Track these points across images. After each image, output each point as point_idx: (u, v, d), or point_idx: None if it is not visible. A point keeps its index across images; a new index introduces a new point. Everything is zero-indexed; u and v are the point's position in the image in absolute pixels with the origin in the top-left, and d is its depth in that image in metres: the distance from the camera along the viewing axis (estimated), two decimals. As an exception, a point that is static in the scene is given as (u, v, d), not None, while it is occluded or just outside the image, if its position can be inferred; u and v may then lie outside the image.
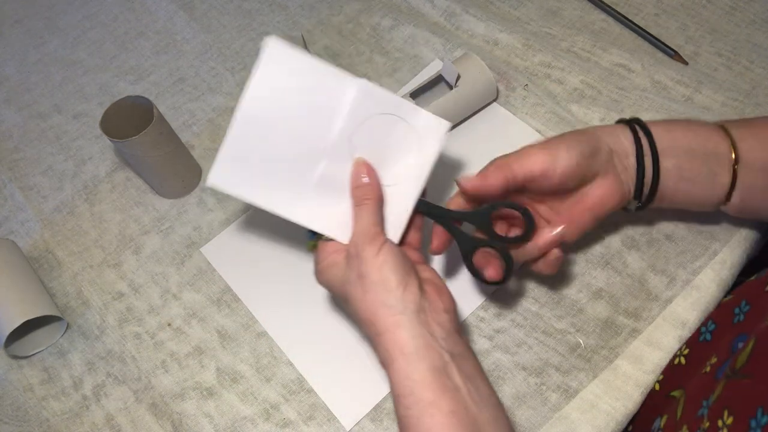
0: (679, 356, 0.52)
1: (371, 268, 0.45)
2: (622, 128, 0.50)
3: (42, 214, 0.72)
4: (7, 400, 0.61)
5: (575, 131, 0.50)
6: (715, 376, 0.44)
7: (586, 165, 0.48)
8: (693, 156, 0.49)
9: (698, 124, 0.50)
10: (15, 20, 0.89)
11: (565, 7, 0.75)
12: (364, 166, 0.49)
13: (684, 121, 0.51)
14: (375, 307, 0.44)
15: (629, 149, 0.50)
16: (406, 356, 0.42)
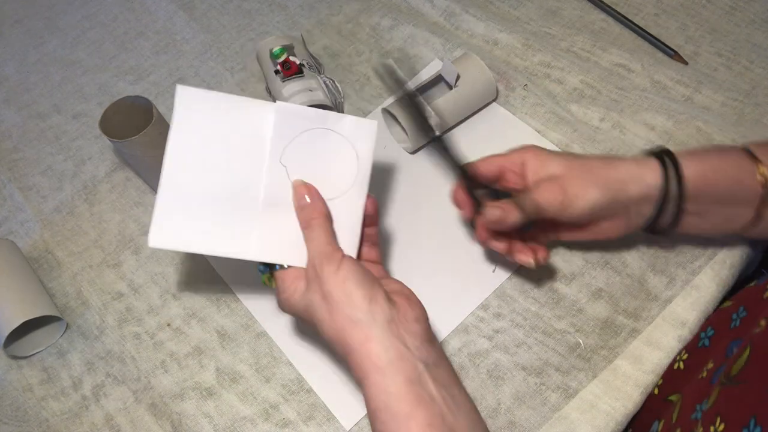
0: (678, 361, 0.52)
1: (333, 287, 0.44)
2: (653, 170, 0.48)
3: (41, 215, 0.71)
4: (6, 400, 0.61)
5: (603, 164, 0.49)
6: (710, 381, 0.44)
7: (599, 213, 0.49)
8: (720, 203, 0.49)
9: (733, 163, 0.48)
10: (15, 20, 0.89)
11: (565, 7, 0.75)
12: (303, 187, 0.48)
13: (718, 159, 0.48)
14: (343, 324, 0.43)
15: (653, 196, 0.48)
16: (379, 369, 0.41)
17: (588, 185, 0.48)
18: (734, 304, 0.50)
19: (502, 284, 0.58)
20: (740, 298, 0.51)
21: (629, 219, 0.51)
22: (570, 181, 0.48)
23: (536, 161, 0.50)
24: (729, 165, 0.48)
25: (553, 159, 0.50)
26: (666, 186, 0.48)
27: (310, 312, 0.45)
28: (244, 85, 0.76)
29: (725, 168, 0.48)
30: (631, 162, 0.49)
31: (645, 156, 0.50)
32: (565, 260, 0.58)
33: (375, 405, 0.42)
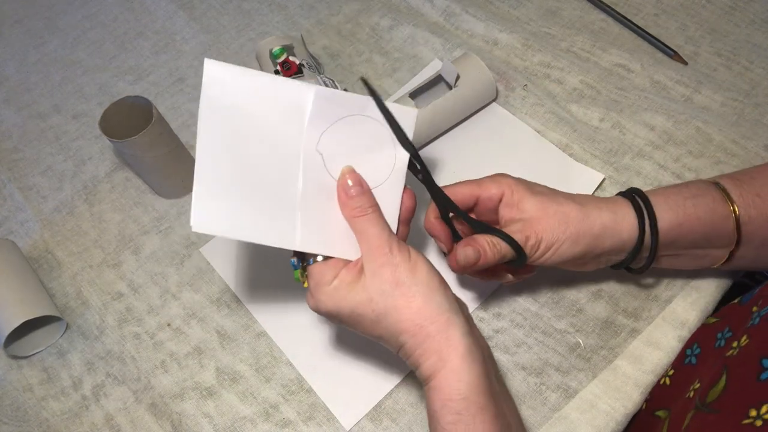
0: (664, 377, 0.52)
1: (409, 273, 0.42)
2: (629, 224, 0.48)
3: (41, 215, 0.71)
4: (6, 400, 0.61)
5: (580, 214, 0.47)
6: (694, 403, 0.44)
7: (573, 263, 0.50)
8: (694, 247, 0.49)
9: (707, 208, 0.47)
10: (15, 20, 0.89)
11: (565, 7, 0.75)
12: (354, 175, 0.46)
13: (693, 205, 0.48)
14: (426, 310, 0.42)
15: (627, 248, 0.48)
16: (462, 356, 0.40)
17: (563, 238, 0.47)
18: (721, 323, 0.50)
19: (502, 284, 0.58)
20: (727, 316, 0.50)
21: (599, 263, 0.51)
22: (545, 231, 0.47)
23: (512, 198, 0.49)
24: (703, 211, 0.47)
25: (529, 199, 0.48)
26: (641, 239, 0.48)
27: (369, 305, 0.42)
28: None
29: (699, 215, 0.47)
30: (607, 213, 0.48)
31: (620, 202, 0.49)
32: (564, 260, 0.58)
33: (449, 395, 0.40)
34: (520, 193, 0.49)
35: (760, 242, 0.48)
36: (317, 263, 0.45)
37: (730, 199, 0.47)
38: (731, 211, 0.47)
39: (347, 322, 0.45)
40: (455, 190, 0.50)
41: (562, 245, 0.47)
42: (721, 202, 0.47)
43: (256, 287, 0.62)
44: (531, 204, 0.48)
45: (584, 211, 0.48)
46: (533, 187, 0.50)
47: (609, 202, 0.49)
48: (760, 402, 0.36)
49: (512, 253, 0.47)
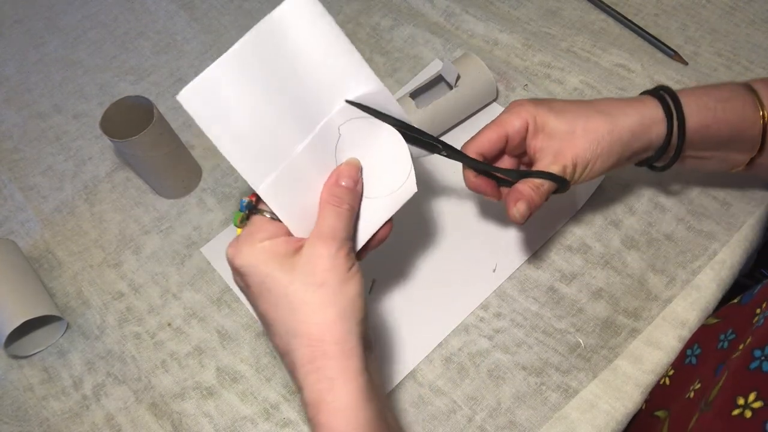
0: (664, 377, 0.52)
1: (340, 283, 0.39)
2: (658, 125, 0.47)
3: (42, 214, 0.72)
4: (7, 399, 0.61)
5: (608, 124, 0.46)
6: (698, 403, 0.44)
7: (605, 171, 0.49)
8: (718, 149, 0.49)
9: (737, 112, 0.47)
10: (15, 20, 0.89)
11: (565, 7, 0.75)
12: (354, 169, 0.44)
13: (722, 108, 0.47)
14: (335, 327, 0.38)
15: (654, 146, 0.48)
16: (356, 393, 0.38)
17: (596, 155, 0.47)
18: (723, 324, 0.50)
19: (502, 284, 0.58)
20: (729, 317, 0.50)
21: (627, 162, 0.50)
22: (578, 154, 0.46)
23: (536, 125, 0.48)
24: (732, 114, 0.47)
25: (554, 121, 0.47)
26: (668, 139, 0.48)
27: (285, 285, 0.39)
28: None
29: (728, 118, 0.47)
30: (634, 115, 0.47)
31: (648, 102, 0.48)
32: (565, 260, 0.58)
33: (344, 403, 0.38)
34: (542, 117, 0.48)
35: None
36: (263, 217, 0.42)
37: (761, 104, 0.47)
38: (760, 116, 0.47)
39: (252, 289, 0.40)
40: (482, 139, 0.49)
41: (597, 162, 0.47)
42: (752, 107, 0.47)
43: (256, 287, 0.62)
44: (557, 126, 0.47)
45: (612, 121, 0.47)
46: (553, 105, 0.48)
47: (636, 105, 0.48)
48: (747, 390, 0.36)
49: (555, 186, 0.48)
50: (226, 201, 0.68)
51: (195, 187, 0.70)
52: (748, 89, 0.48)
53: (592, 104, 0.49)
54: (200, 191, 0.70)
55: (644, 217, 0.59)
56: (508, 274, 0.59)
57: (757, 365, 0.37)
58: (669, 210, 0.59)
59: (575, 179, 0.48)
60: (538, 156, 0.48)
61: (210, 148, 0.72)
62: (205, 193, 0.69)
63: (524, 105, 0.48)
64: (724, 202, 0.58)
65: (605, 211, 0.60)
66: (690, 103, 0.47)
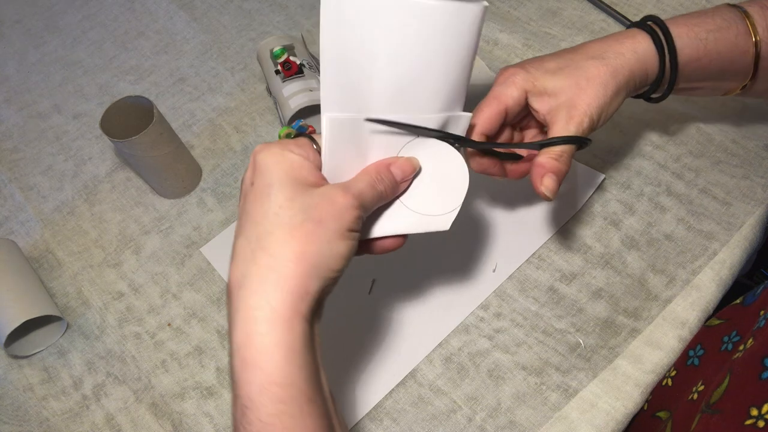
0: (666, 378, 0.52)
1: (333, 235, 0.36)
2: (652, 60, 0.47)
3: (42, 214, 0.72)
4: (7, 399, 0.61)
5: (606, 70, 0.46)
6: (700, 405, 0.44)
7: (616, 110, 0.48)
8: (710, 79, 0.49)
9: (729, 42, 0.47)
10: (15, 20, 0.89)
11: (565, 7, 0.75)
12: (412, 167, 0.43)
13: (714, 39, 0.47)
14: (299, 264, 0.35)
15: (650, 79, 0.48)
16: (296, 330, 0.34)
17: (606, 101, 0.46)
18: (726, 325, 0.50)
19: (502, 284, 0.58)
20: (732, 319, 0.50)
21: (628, 96, 0.49)
22: (589, 106, 0.46)
23: (535, 89, 0.47)
24: (724, 45, 0.47)
25: (553, 80, 0.47)
26: (662, 72, 0.48)
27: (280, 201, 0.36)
28: (244, 85, 0.76)
29: (720, 49, 0.47)
30: (630, 54, 0.47)
31: (640, 37, 0.48)
32: (565, 260, 0.58)
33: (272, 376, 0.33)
34: (541, 80, 0.47)
35: None
36: (308, 140, 0.40)
37: (755, 31, 0.47)
38: (753, 43, 0.47)
39: (254, 188, 0.38)
40: (483, 120, 0.47)
41: (609, 106, 0.47)
42: (744, 36, 0.47)
43: (256, 287, 0.62)
44: (559, 84, 0.46)
45: (610, 65, 0.46)
46: (546, 64, 0.48)
47: (627, 41, 0.48)
48: (761, 400, 0.36)
49: (576, 148, 0.47)
50: (226, 201, 0.68)
51: (195, 187, 0.70)
52: (742, 14, 0.47)
53: (583, 51, 0.48)
54: (200, 191, 0.70)
55: (644, 217, 0.59)
56: (508, 274, 0.59)
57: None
58: (669, 210, 0.59)
59: (595, 129, 0.47)
60: (551, 118, 0.47)
61: (210, 149, 0.72)
62: (205, 193, 0.69)
63: (517, 72, 0.47)
64: (724, 202, 0.58)
65: (605, 211, 0.60)
66: (681, 35, 0.47)
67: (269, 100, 0.74)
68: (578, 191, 0.60)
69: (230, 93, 0.76)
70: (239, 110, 0.75)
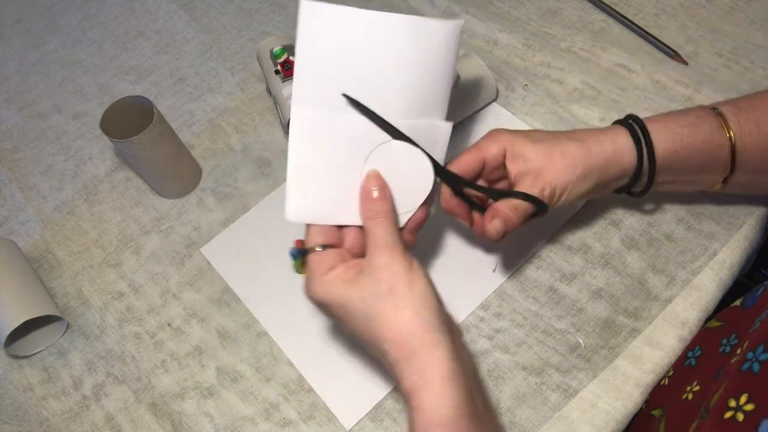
0: (664, 377, 0.52)
1: (406, 284, 0.41)
2: (629, 152, 0.49)
3: (42, 214, 0.72)
4: (7, 399, 0.61)
5: (582, 151, 0.49)
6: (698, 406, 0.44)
7: (583, 197, 0.51)
8: (691, 173, 0.51)
9: (705, 136, 0.49)
10: (15, 20, 0.89)
11: (565, 7, 0.75)
12: (375, 178, 0.46)
13: (690, 133, 0.49)
14: (413, 325, 0.40)
15: (629, 174, 0.50)
16: (444, 379, 0.39)
17: (574, 179, 0.48)
18: (726, 328, 0.50)
19: (502, 284, 0.58)
20: (732, 322, 0.50)
21: (605, 191, 0.52)
22: (556, 177, 0.48)
23: (514, 151, 0.50)
24: (700, 140, 0.49)
25: (531, 148, 0.49)
26: (640, 165, 0.49)
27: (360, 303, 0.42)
28: (244, 85, 0.76)
29: (696, 143, 0.49)
30: (607, 144, 0.49)
31: (618, 131, 0.50)
32: (565, 260, 0.58)
33: (431, 418, 0.39)
34: (520, 145, 0.50)
35: (753, 169, 0.50)
36: (317, 252, 0.45)
37: (728, 127, 0.48)
38: (728, 139, 0.48)
39: (336, 316, 0.45)
40: (460, 162, 0.50)
41: (575, 186, 0.49)
42: (718, 131, 0.48)
43: (256, 287, 0.62)
44: (534, 153, 0.49)
45: (586, 148, 0.49)
46: (531, 134, 0.51)
47: (608, 133, 0.50)
48: (739, 391, 0.36)
49: (533, 209, 0.48)
50: (226, 201, 0.68)
51: (195, 187, 0.70)
52: (715, 113, 0.49)
53: (567, 134, 0.51)
54: (200, 191, 0.70)
55: (644, 217, 0.59)
56: (508, 274, 0.59)
57: (749, 366, 0.37)
58: (669, 210, 0.59)
59: (554, 202, 0.49)
60: (518, 179, 0.50)
61: (210, 149, 0.72)
62: (205, 193, 0.69)
63: (502, 133, 0.51)
64: (724, 202, 0.58)
65: (605, 211, 0.60)
66: (657, 129, 0.49)
67: (269, 100, 0.74)
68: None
69: (230, 93, 0.76)
70: (239, 110, 0.75)
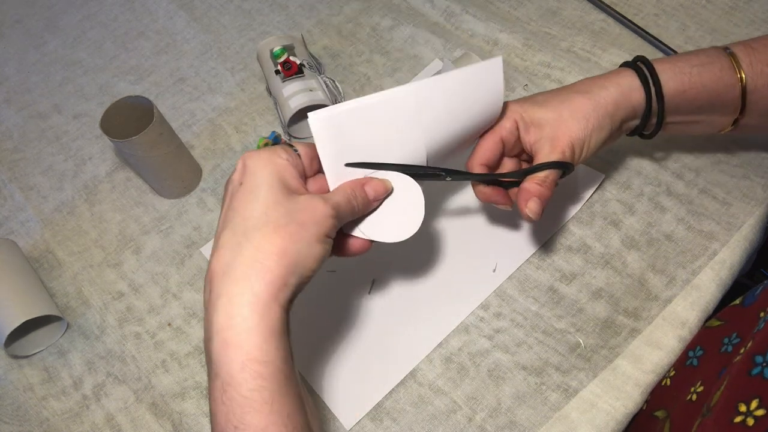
0: (665, 378, 0.52)
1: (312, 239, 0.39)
2: (636, 91, 0.49)
3: (42, 214, 0.72)
4: (7, 399, 0.61)
5: (590, 103, 0.48)
6: (701, 407, 0.44)
7: (603, 146, 0.50)
8: (700, 112, 0.50)
9: (713, 76, 0.48)
10: (15, 20, 0.89)
11: (565, 7, 0.75)
12: (384, 188, 0.46)
13: (698, 73, 0.48)
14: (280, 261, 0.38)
15: (639, 113, 0.50)
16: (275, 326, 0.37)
17: (589, 132, 0.48)
18: (726, 327, 0.50)
19: (502, 284, 0.58)
20: (732, 320, 0.50)
21: (619, 132, 0.52)
22: (571, 136, 0.48)
23: (524, 120, 0.50)
24: (709, 78, 0.48)
25: (540, 112, 0.49)
26: (649, 104, 0.49)
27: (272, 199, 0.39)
28: (244, 85, 0.76)
29: (705, 82, 0.48)
30: (613, 88, 0.49)
31: (624, 72, 0.50)
32: (565, 260, 0.59)
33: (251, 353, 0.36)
34: (529, 113, 0.50)
35: (764, 110, 0.49)
36: (288, 147, 0.43)
37: (739, 67, 0.48)
38: (738, 79, 0.48)
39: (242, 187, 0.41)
40: (481, 150, 0.50)
41: (591, 138, 0.49)
42: (729, 71, 0.48)
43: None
44: (545, 117, 0.49)
45: (593, 98, 0.49)
46: (536, 99, 0.51)
47: (613, 77, 0.50)
48: (749, 396, 0.36)
49: (560, 173, 0.49)
50: (226, 201, 0.68)
51: (195, 187, 0.70)
52: (726, 53, 0.49)
53: (572, 87, 0.51)
54: (200, 191, 0.70)
55: (644, 217, 0.59)
56: (508, 274, 0.59)
57: (759, 371, 0.37)
58: (669, 210, 0.59)
59: (576, 160, 0.49)
60: (536, 148, 0.50)
61: (210, 149, 0.72)
62: (205, 193, 0.69)
63: (509, 106, 0.50)
64: (724, 202, 0.58)
65: (605, 211, 0.60)
66: (665, 69, 0.49)
67: (269, 100, 0.74)
68: (578, 191, 0.60)
69: (230, 93, 0.76)
70: (239, 110, 0.75)
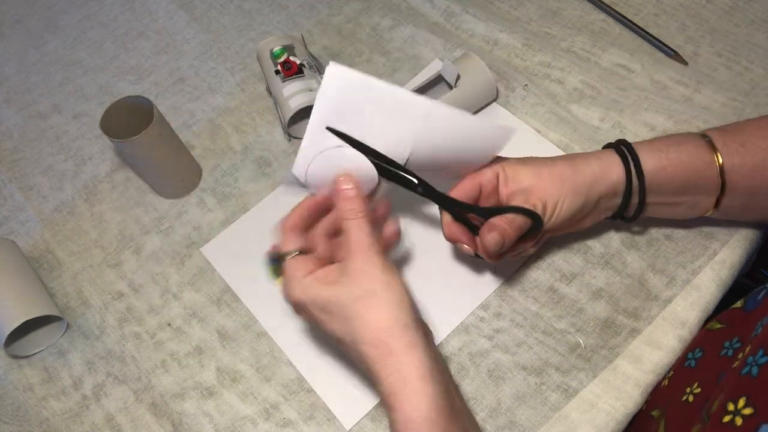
0: (665, 378, 0.53)
1: (383, 286, 0.43)
2: (616, 167, 0.50)
3: (42, 214, 0.72)
4: (7, 399, 0.61)
5: (570, 170, 0.50)
6: (699, 410, 0.44)
7: (576, 219, 0.51)
8: (681, 193, 0.51)
9: (691, 154, 0.49)
10: (15, 20, 0.89)
11: (565, 7, 0.75)
12: (347, 179, 0.47)
13: (676, 151, 0.50)
14: (391, 326, 0.42)
15: (619, 191, 0.51)
16: (421, 378, 0.41)
17: (563, 194, 0.50)
18: (727, 330, 0.50)
19: (502, 284, 0.58)
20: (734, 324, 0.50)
21: (599, 212, 0.53)
22: (546, 193, 0.49)
23: (506, 175, 0.51)
24: (687, 156, 0.49)
25: (522, 170, 0.51)
26: (629, 181, 0.50)
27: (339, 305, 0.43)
28: (244, 85, 0.76)
29: (683, 159, 0.49)
30: (594, 162, 0.51)
31: (606, 151, 0.52)
32: (565, 260, 0.58)
33: (410, 415, 0.40)
34: (512, 168, 0.51)
35: (744, 191, 0.50)
36: (294, 257, 0.47)
37: (714, 147, 0.49)
38: (714, 158, 0.49)
39: (315, 317, 0.46)
40: (458, 188, 0.52)
41: (564, 201, 0.50)
42: (705, 149, 0.49)
43: (256, 287, 0.62)
44: (525, 174, 0.51)
45: (574, 166, 0.50)
46: (522, 159, 0.53)
47: (595, 153, 0.52)
48: (737, 395, 0.36)
49: (528, 223, 0.49)
50: (226, 201, 0.68)
51: (195, 187, 0.70)
52: (700, 135, 0.50)
53: (557, 156, 0.53)
54: (200, 191, 0.70)
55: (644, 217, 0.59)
56: (508, 274, 0.59)
57: (748, 370, 0.37)
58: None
59: (547, 217, 0.50)
60: (510, 199, 0.51)
61: (210, 149, 0.72)
62: (205, 193, 0.69)
63: (496, 159, 0.52)
64: (724, 202, 0.58)
65: (605, 211, 0.60)
66: (643, 147, 0.50)
67: (269, 100, 0.74)
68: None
69: (230, 93, 0.76)
70: (239, 110, 0.75)
